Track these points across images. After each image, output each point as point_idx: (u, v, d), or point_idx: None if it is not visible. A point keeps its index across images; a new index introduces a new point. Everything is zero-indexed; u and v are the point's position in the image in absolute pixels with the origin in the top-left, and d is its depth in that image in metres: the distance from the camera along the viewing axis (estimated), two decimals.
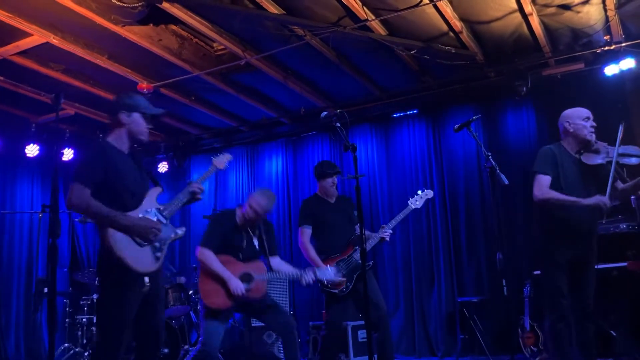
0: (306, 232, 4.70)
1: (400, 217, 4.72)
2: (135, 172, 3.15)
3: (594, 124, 3.73)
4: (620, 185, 3.78)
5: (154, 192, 3.20)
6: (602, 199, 3.50)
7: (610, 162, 3.59)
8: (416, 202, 4.80)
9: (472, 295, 6.69)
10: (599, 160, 3.66)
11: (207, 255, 4.18)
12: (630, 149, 3.68)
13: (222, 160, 3.76)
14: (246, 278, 4.20)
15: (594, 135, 3.71)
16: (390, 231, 4.64)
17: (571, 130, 3.76)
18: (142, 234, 2.98)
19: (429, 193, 4.88)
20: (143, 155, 3.49)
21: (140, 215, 3.04)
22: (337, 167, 4.84)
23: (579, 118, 3.74)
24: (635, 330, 5.15)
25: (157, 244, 3.08)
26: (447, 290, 6.88)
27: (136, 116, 3.16)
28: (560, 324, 3.62)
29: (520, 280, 6.01)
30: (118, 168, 3.04)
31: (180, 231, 3.26)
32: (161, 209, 3.17)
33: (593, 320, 3.75)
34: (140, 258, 2.97)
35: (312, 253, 4.59)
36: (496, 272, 6.34)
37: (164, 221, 3.14)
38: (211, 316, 4.15)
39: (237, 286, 4.11)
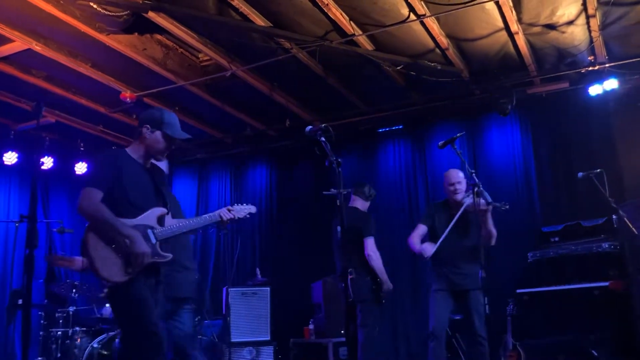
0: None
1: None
2: (146, 187, 3.11)
3: (457, 187, 4.61)
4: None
5: (156, 211, 3.11)
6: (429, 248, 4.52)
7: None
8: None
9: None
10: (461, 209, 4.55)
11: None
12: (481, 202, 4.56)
13: (242, 211, 3.46)
14: None
15: (458, 195, 4.60)
16: None
17: (445, 190, 4.75)
18: (132, 259, 2.90)
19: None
20: (164, 173, 3.49)
21: (134, 224, 2.98)
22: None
23: (447, 184, 4.69)
24: (617, 350, 5.15)
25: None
26: None
27: (158, 135, 3.13)
28: (433, 342, 4.49)
29: (503, 298, 5.98)
30: (125, 178, 3.01)
31: (168, 258, 3.10)
32: (156, 229, 3.07)
33: (483, 344, 4.43)
34: (108, 263, 2.89)
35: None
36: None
37: (153, 241, 3.04)
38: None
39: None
